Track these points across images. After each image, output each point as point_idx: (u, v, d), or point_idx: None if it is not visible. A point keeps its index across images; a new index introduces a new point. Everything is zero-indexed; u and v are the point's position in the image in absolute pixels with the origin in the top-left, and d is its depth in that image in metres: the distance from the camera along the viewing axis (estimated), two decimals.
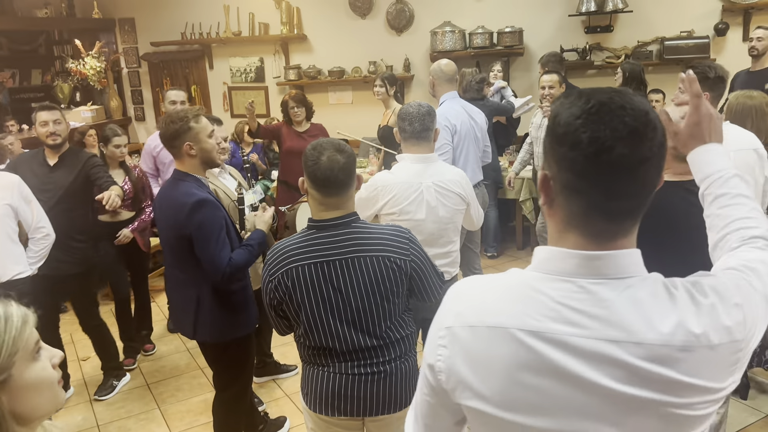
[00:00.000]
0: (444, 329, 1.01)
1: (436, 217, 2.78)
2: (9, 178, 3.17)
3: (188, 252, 2.57)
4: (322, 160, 1.91)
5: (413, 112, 2.79)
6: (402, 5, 6.85)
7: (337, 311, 1.96)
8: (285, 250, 1.99)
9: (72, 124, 6.44)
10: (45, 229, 3.29)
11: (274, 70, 7.50)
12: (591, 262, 0.95)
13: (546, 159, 0.98)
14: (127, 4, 7.81)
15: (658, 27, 6.19)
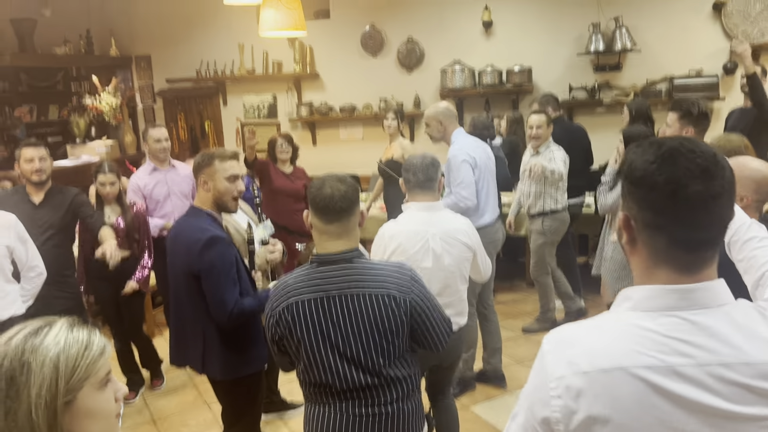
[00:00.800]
0: (555, 380, 1.03)
1: (442, 265, 2.78)
2: (6, 218, 3.11)
3: (197, 288, 2.57)
4: (324, 188, 1.97)
5: (417, 163, 2.85)
6: (413, 44, 6.97)
7: (336, 347, 1.94)
8: (287, 285, 2.00)
9: (87, 158, 6.55)
10: (38, 267, 3.23)
11: (286, 106, 7.62)
12: (689, 294, 1.03)
13: (625, 202, 1.08)
14: (144, 42, 8.00)
15: (666, 66, 6.25)
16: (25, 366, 0.93)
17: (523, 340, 4.82)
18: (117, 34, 7.93)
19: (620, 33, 6.14)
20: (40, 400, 0.92)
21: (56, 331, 0.99)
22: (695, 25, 6.15)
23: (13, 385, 0.92)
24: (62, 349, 0.97)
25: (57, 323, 1.02)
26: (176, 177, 4.63)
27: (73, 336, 1.00)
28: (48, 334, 0.98)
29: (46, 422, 0.93)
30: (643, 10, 6.22)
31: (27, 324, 1.03)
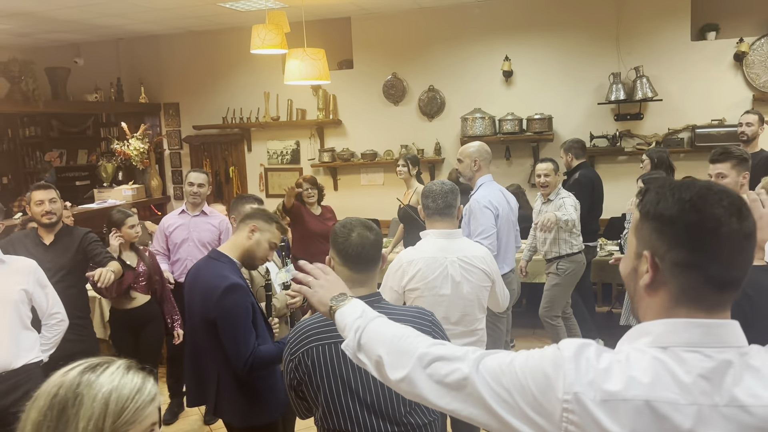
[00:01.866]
0: (572, 394, 1.00)
1: (461, 293, 2.76)
2: (26, 263, 3.06)
3: (213, 333, 2.56)
4: (353, 237, 1.93)
5: (437, 189, 2.84)
6: (434, 93, 7.08)
7: (356, 394, 1.90)
8: (306, 329, 1.97)
9: (113, 201, 6.67)
10: (59, 314, 3.15)
11: (309, 152, 7.74)
12: (715, 330, 1.02)
13: (650, 241, 1.06)
14: (172, 90, 8.23)
15: (688, 115, 6.26)
16: (78, 398, 0.96)
17: None
18: (146, 83, 8.18)
19: (641, 83, 6.18)
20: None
21: (113, 370, 1.02)
22: (716, 76, 6.17)
23: (64, 415, 0.95)
24: (115, 387, 1.00)
25: (115, 363, 1.05)
26: (201, 224, 4.57)
27: (128, 378, 1.02)
28: (105, 371, 1.01)
29: None
30: (662, 60, 6.27)
31: (87, 360, 1.06)
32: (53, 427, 0.94)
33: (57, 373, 1.05)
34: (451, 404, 1.12)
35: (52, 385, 1.00)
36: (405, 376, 1.17)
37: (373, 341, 1.28)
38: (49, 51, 8.09)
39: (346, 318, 1.39)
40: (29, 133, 8.17)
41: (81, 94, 7.99)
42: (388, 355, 1.23)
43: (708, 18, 6.23)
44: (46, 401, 0.96)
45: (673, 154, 6.20)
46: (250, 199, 3.64)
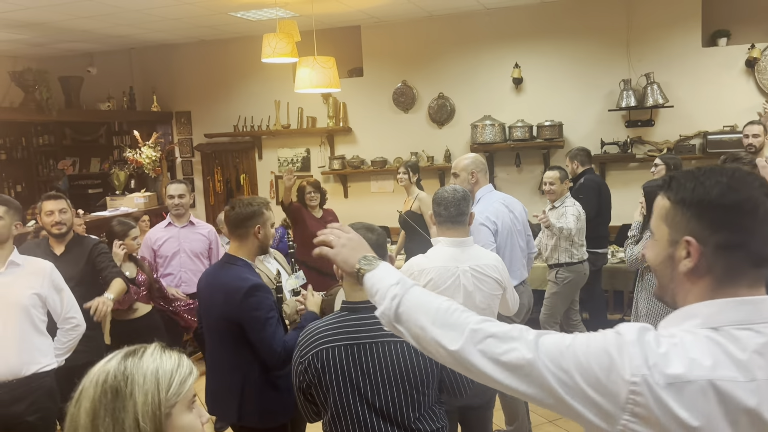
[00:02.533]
0: (640, 376, 1.02)
1: (473, 302, 2.74)
2: (40, 265, 3.00)
3: (238, 336, 2.59)
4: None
5: (448, 197, 2.80)
6: (443, 100, 7.09)
7: (365, 398, 1.90)
8: (316, 332, 1.97)
9: (125, 209, 6.72)
10: (75, 319, 3.08)
11: (319, 160, 7.76)
12: (761, 306, 1.06)
13: (689, 227, 1.10)
14: (184, 99, 8.30)
15: (699, 121, 6.23)
16: (128, 378, 1.00)
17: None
18: (158, 91, 8.25)
19: (651, 89, 6.16)
20: (146, 407, 0.99)
21: (151, 351, 1.06)
22: (728, 82, 6.14)
23: (119, 397, 0.98)
24: (159, 364, 1.04)
25: (149, 346, 1.09)
26: (190, 235, 4.54)
27: (166, 356, 1.07)
28: (144, 353, 1.04)
29: (154, 429, 0.99)
30: (673, 66, 6.25)
31: (120, 350, 1.09)
32: (110, 410, 0.97)
33: (95, 367, 1.07)
34: (505, 381, 1.13)
35: (96, 376, 1.03)
36: (457, 350, 1.17)
37: (414, 311, 1.26)
38: (63, 60, 8.18)
39: (378, 283, 1.36)
40: (43, 142, 8.26)
41: (94, 102, 8.07)
42: (434, 327, 1.22)
43: (719, 24, 6.21)
44: (96, 390, 0.99)
45: (684, 161, 6.16)
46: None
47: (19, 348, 2.80)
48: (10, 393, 2.75)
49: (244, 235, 2.73)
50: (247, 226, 2.71)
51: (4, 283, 2.81)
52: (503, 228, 3.67)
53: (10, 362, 2.78)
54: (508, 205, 3.83)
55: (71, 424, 1.02)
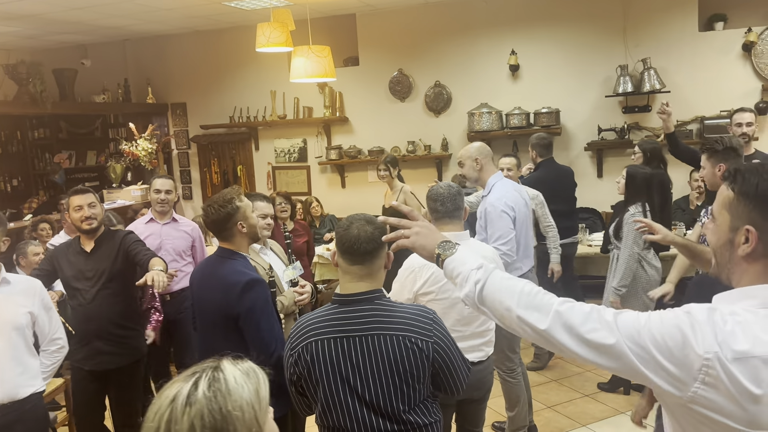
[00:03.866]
0: (712, 353, 1.15)
1: None
2: (32, 283, 2.85)
3: (234, 330, 2.58)
4: (351, 230, 1.93)
5: (444, 192, 2.84)
6: (440, 88, 7.07)
7: (355, 390, 1.90)
8: (307, 324, 1.97)
9: (122, 202, 6.70)
10: (61, 340, 2.92)
11: (316, 150, 7.74)
12: None
13: (750, 217, 1.24)
14: (179, 90, 8.26)
15: (696, 107, 6.21)
16: (228, 416, 0.94)
17: (554, 384, 4.71)
18: (153, 83, 8.21)
19: (648, 75, 6.14)
20: None
21: (231, 375, 0.98)
22: (725, 66, 6.12)
23: None
24: (247, 388, 0.98)
25: (222, 367, 1.01)
26: (173, 232, 4.38)
27: (242, 372, 1.01)
28: (226, 380, 0.97)
29: None
30: (671, 51, 6.22)
31: (192, 374, 1.00)
32: None
33: (171, 402, 0.96)
34: (588, 356, 1.28)
35: (189, 417, 0.93)
36: (545, 329, 1.31)
37: (499, 294, 1.40)
38: (57, 53, 8.13)
39: (460, 267, 1.49)
40: (38, 135, 8.22)
41: (88, 95, 8.03)
42: (520, 309, 1.36)
43: (716, 8, 6.18)
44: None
45: None
46: (257, 196, 3.59)
47: (15, 369, 2.64)
48: (4, 417, 2.59)
49: (228, 236, 2.70)
50: (228, 228, 2.68)
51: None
52: (520, 215, 3.65)
53: (7, 384, 2.62)
54: (520, 192, 3.81)
55: None
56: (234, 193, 2.72)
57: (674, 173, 6.14)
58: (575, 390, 4.67)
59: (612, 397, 4.51)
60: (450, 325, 2.75)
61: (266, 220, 3.29)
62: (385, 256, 2.00)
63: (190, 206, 8.48)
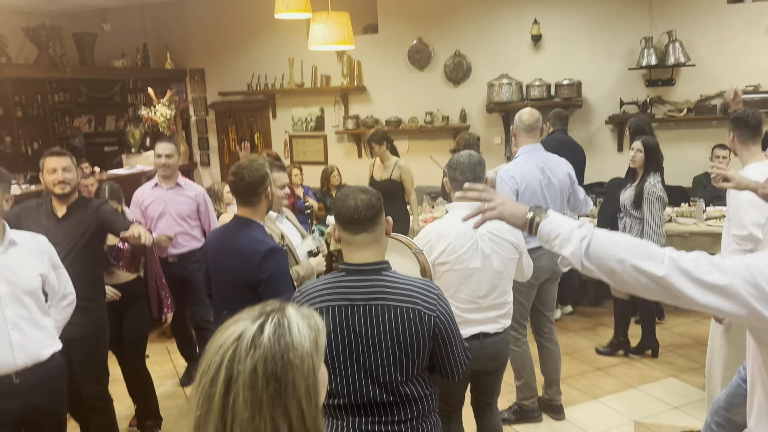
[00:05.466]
0: None
1: (491, 266, 2.76)
2: (38, 242, 2.71)
3: (252, 298, 2.61)
4: (348, 200, 1.94)
5: (465, 161, 2.80)
6: (460, 58, 6.98)
7: (355, 358, 1.92)
8: (311, 291, 1.99)
9: (140, 167, 6.75)
10: (72, 295, 2.85)
11: (333, 119, 7.71)
12: None
13: None
14: (198, 56, 8.24)
15: (722, 81, 6.08)
16: (288, 365, 0.97)
17: (566, 358, 4.72)
18: (172, 48, 8.19)
19: (673, 47, 6.01)
20: (308, 390, 0.99)
21: (295, 322, 1.02)
22: (752, 40, 5.97)
23: (281, 385, 0.96)
24: (308, 337, 1.01)
25: (288, 313, 1.04)
26: (177, 197, 4.36)
27: (304, 320, 1.04)
28: (290, 327, 1.00)
29: (314, 406, 1.00)
30: (697, 24, 6.07)
31: (250, 318, 1.04)
32: (274, 398, 0.96)
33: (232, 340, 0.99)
34: (705, 299, 1.35)
35: (251, 362, 0.97)
36: (663, 275, 1.38)
37: (608, 248, 1.45)
38: (76, 16, 8.13)
39: (558, 228, 1.52)
40: (58, 99, 8.26)
41: (108, 59, 8.05)
42: (634, 259, 1.41)
43: None
44: (255, 379, 0.96)
45: (704, 121, 6.08)
46: (274, 165, 3.57)
47: (36, 332, 2.60)
48: (30, 379, 2.56)
49: (256, 201, 2.73)
50: (259, 192, 2.72)
51: (6, 264, 2.53)
52: (529, 188, 3.62)
53: (30, 348, 2.56)
54: (548, 169, 3.71)
55: (229, 414, 0.96)
56: (264, 159, 2.80)
57: (695, 150, 6.06)
58: (587, 363, 4.69)
59: (624, 371, 4.52)
60: (466, 296, 2.77)
61: (284, 190, 3.32)
62: (384, 222, 2.00)
63: (208, 173, 8.52)
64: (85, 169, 6.36)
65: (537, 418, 3.88)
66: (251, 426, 0.94)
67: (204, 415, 0.96)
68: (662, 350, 4.74)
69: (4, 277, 2.49)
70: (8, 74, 6.63)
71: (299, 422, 0.97)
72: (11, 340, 2.49)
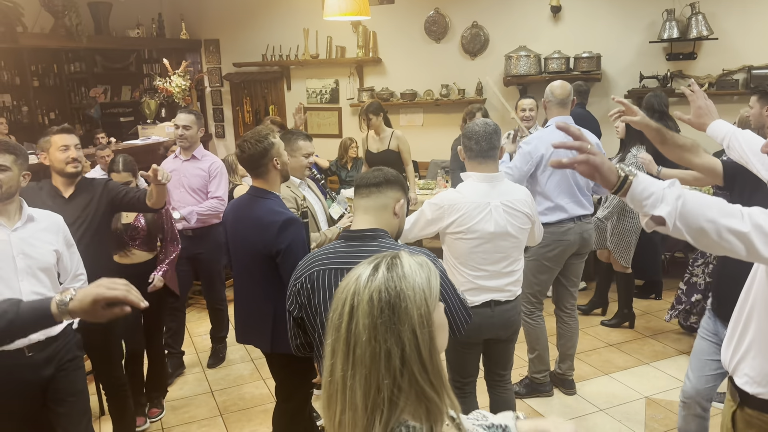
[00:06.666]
0: None
1: (503, 236, 2.75)
2: (54, 219, 2.67)
3: (269, 268, 2.65)
4: (369, 171, 2.08)
5: (479, 130, 2.76)
6: (477, 29, 6.88)
7: None
8: (314, 257, 2.06)
9: (156, 138, 6.77)
10: (84, 275, 2.78)
11: (348, 91, 7.66)
12: None
13: None
14: (212, 27, 8.19)
15: (744, 55, 5.95)
16: (401, 295, 1.10)
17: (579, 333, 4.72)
18: (187, 18, 8.15)
19: (696, 20, 5.88)
20: (420, 318, 1.10)
21: (407, 262, 1.15)
22: None
23: (395, 312, 1.09)
24: (420, 275, 1.14)
25: (401, 255, 1.18)
26: (191, 169, 4.31)
27: (417, 263, 1.16)
28: (402, 267, 1.14)
29: (429, 336, 1.11)
30: None
31: (366, 264, 1.17)
32: (389, 324, 1.08)
33: (357, 284, 1.14)
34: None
35: (368, 293, 1.11)
36: (748, 232, 1.45)
37: (700, 207, 1.48)
38: None
39: (651, 187, 1.50)
40: (74, 69, 8.26)
41: (123, 29, 8.02)
42: (724, 218, 1.47)
43: None
44: (372, 307, 1.10)
45: (726, 96, 5.97)
46: (300, 134, 3.48)
47: None
48: (43, 351, 2.51)
49: (263, 172, 2.74)
50: (264, 164, 2.72)
51: (24, 239, 2.51)
52: (544, 161, 3.60)
53: None
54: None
55: (352, 338, 1.10)
56: (268, 130, 2.76)
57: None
58: (599, 339, 4.69)
59: (636, 347, 4.52)
60: (476, 263, 2.77)
61: (309, 159, 3.35)
62: (393, 199, 2.05)
63: (223, 144, 8.53)
64: (101, 139, 6.40)
65: (548, 393, 3.90)
66: (368, 348, 1.08)
67: (334, 341, 1.13)
68: (674, 327, 4.73)
69: (22, 252, 2.48)
70: (25, 44, 6.62)
71: (412, 349, 1.08)
72: None
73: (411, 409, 1.09)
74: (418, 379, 1.08)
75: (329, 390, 1.13)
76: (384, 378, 1.07)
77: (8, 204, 2.51)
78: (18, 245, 2.48)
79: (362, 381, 1.08)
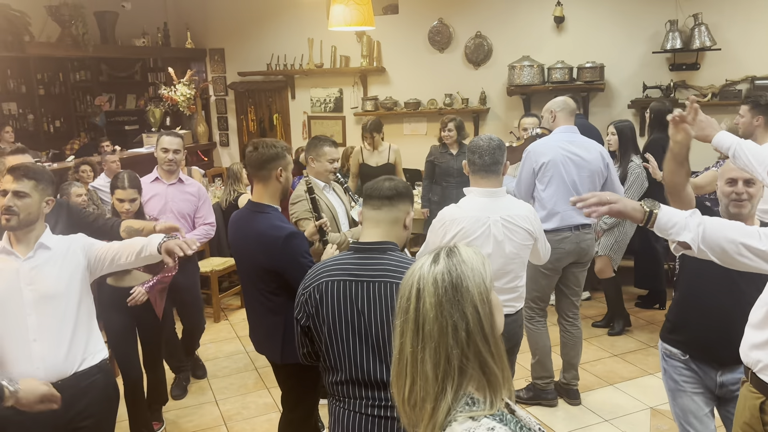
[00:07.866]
0: None
1: (503, 252, 2.77)
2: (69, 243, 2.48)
3: (276, 282, 2.67)
4: (378, 181, 2.09)
5: (483, 145, 2.79)
6: (481, 39, 6.91)
7: (358, 333, 1.96)
8: (322, 267, 2.06)
9: None
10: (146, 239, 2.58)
11: (352, 100, 7.70)
12: None
13: None
14: (217, 36, 8.24)
15: (747, 66, 5.97)
16: (461, 276, 1.23)
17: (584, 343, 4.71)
18: (192, 28, 8.20)
19: (699, 31, 5.90)
20: (481, 296, 1.23)
21: (464, 249, 1.29)
22: None
23: (458, 290, 1.22)
24: (476, 260, 1.27)
25: (456, 245, 1.31)
26: (178, 194, 4.07)
27: (472, 251, 1.30)
28: (460, 253, 1.27)
29: (489, 311, 1.24)
30: (724, 7, 5.95)
31: (426, 257, 1.29)
32: (453, 301, 1.21)
33: (421, 272, 1.26)
34: None
35: (432, 277, 1.24)
36: (765, 250, 1.64)
37: (721, 230, 1.70)
38: None
39: (675, 217, 1.74)
40: (80, 78, 8.32)
41: (129, 38, 8.07)
42: (744, 237, 1.67)
43: None
44: (437, 288, 1.22)
45: (729, 107, 5.97)
46: (327, 141, 3.50)
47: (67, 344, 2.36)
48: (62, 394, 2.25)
49: (266, 177, 2.75)
50: (270, 169, 2.73)
51: (35, 267, 2.33)
52: (553, 163, 3.69)
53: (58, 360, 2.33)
54: (573, 146, 3.74)
55: (420, 317, 1.23)
56: (286, 146, 2.83)
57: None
58: (604, 349, 4.68)
59: (641, 357, 4.52)
60: None
61: (333, 164, 3.45)
62: (404, 212, 2.07)
63: (227, 153, 8.56)
64: (107, 147, 6.44)
65: (552, 402, 3.89)
66: (436, 324, 1.21)
67: (403, 323, 1.25)
68: None
69: (30, 282, 2.31)
70: (31, 52, 6.67)
71: (476, 323, 1.21)
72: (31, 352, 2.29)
73: (476, 379, 1.21)
74: (481, 350, 1.21)
75: (398, 367, 1.25)
76: (453, 348, 1.19)
77: (28, 232, 2.34)
78: (27, 275, 2.32)
79: (432, 353, 1.20)
